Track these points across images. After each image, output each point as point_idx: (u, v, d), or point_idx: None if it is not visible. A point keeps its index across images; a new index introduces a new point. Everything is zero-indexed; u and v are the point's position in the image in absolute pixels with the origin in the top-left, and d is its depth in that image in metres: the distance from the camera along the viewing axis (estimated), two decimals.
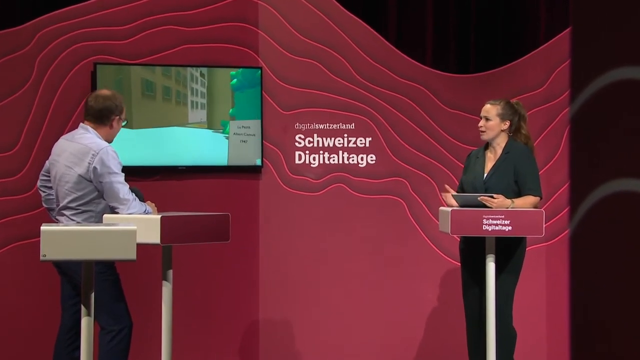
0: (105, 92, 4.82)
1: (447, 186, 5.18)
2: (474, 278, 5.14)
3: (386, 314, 6.37)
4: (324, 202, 6.39)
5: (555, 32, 6.38)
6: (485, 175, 5.16)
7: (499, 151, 5.16)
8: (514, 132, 5.18)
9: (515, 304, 5.16)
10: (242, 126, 6.25)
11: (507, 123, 5.15)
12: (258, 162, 6.27)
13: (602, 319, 1.89)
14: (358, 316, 6.36)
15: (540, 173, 5.26)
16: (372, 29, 6.44)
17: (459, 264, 5.37)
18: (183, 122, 6.10)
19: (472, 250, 5.12)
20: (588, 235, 1.92)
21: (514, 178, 5.10)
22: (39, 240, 3.74)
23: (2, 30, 5.84)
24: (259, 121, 6.28)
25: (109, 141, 4.79)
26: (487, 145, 5.25)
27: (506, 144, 5.16)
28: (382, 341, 6.36)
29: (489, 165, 5.19)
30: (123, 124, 4.83)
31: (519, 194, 5.08)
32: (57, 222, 4.76)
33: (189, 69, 6.11)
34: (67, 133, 5.12)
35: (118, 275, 4.78)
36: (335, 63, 6.40)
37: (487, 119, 5.15)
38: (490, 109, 5.16)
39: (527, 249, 5.20)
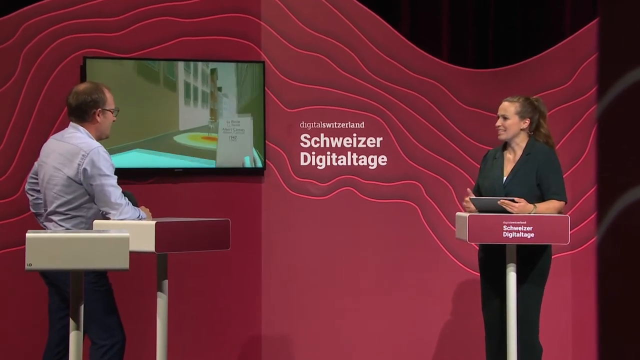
0: (82, 86, 4.84)
1: (469, 190, 5.16)
2: (495, 289, 5.12)
3: (397, 327, 6.36)
4: (332, 207, 6.39)
5: (582, 24, 6.38)
6: (504, 178, 5.14)
7: (519, 152, 5.14)
8: (533, 130, 5.16)
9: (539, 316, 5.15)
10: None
11: (527, 121, 5.12)
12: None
13: (632, 333, 1.89)
14: (367, 329, 6.36)
15: (564, 176, 5.24)
16: (383, 20, 6.44)
17: (476, 272, 5.36)
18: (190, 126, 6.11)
19: (492, 259, 5.10)
20: (617, 243, 1.92)
21: (537, 181, 5.08)
22: (25, 248, 3.75)
23: None
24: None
25: (102, 137, 4.80)
26: (505, 145, 5.23)
27: (527, 144, 5.13)
28: (392, 355, 6.36)
29: (508, 167, 5.16)
30: (115, 113, 4.81)
31: (541, 199, 5.07)
32: (44, 228, 4.77)
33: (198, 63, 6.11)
34: (55, 132, 5.13)
35: (110, 285, 4.78)
36: (343, 57, 6.40)
37: (505, 118, 5.13)
38: (508, 107, 5.13)
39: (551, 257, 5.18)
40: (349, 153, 6.43)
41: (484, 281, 5.22)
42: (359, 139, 6.43)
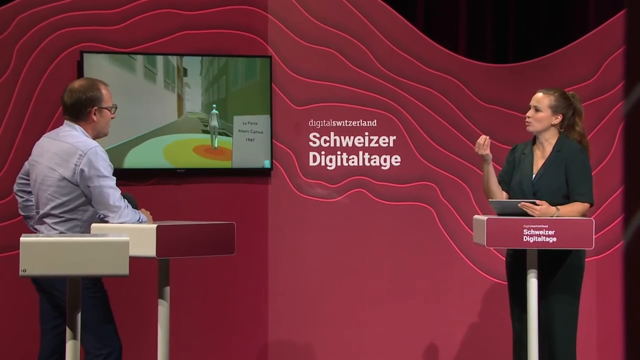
0: (77, 83, 4.81)
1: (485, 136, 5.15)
2: (525, 296, 4.99)
3: (410, 335, 6.34)
4: (342, 210, 6.38)
5: (607, 16, 6.36)
6: (533, 176, 5.10)
7: (549, 148, 5.09)
8: (566, 128, 5.11)
9: None
10: (249, 122, 6.24)
11: (559, 117, 5.07)
12: (267, 164, 6.26)
13: None
14: (378, 336, 6.35)
15: None
16: (397, 13, 6.42)
17: (496, 279, 5.33)
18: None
19: (522, 265, 5.01)
20: None
21: (565, 179, 5.03)
22: (18, 253, 3.73)
23: None
24: (268, 117, 6.27)
25: (100, 136, 4.79)
26: (534, 140, 5.19)
27: (557, 141, 5.08)
28: None
29: (537, 164, 5.12)
30: (113, 111, 4.79)
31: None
32: (35, 231, 4.75)
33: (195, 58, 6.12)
34: (50, 130, 5.12)
35: (106, 291, 4.77)
36: (354, 51, 6.39)
37: (536, 110, 5.08)
38: (542, 99, 5.09)
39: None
40: (361, 153, 6.41)
41: (512, 288, 5.14)
42: (371, 137, 6.41)
